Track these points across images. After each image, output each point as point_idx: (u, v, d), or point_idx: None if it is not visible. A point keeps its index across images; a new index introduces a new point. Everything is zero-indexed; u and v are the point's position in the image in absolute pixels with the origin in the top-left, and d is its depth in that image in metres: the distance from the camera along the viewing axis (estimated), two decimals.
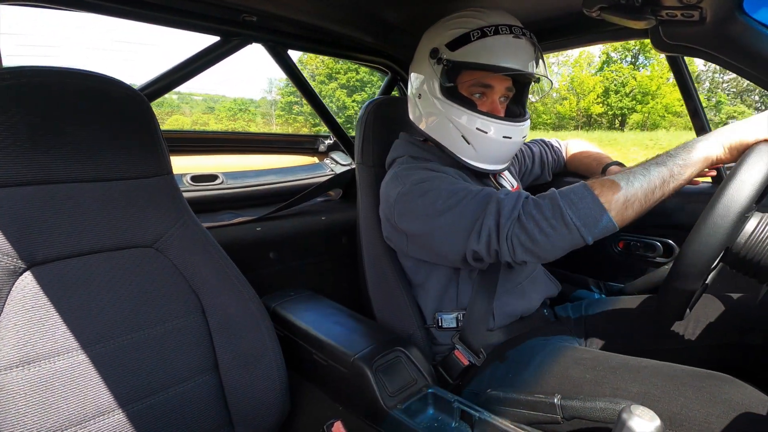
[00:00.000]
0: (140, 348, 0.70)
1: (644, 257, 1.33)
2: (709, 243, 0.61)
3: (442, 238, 0.85)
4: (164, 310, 0.74)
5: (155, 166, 0.77)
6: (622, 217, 0.72)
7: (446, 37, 0.91)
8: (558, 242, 0.74)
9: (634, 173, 0.73)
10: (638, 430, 0.43)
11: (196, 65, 1.21)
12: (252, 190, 1.58)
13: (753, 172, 0.61)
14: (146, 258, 0.74)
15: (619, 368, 0.77)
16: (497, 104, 0.94)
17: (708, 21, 0.87)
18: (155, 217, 0.76)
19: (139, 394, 0.69)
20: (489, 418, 0.70)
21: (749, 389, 0.66)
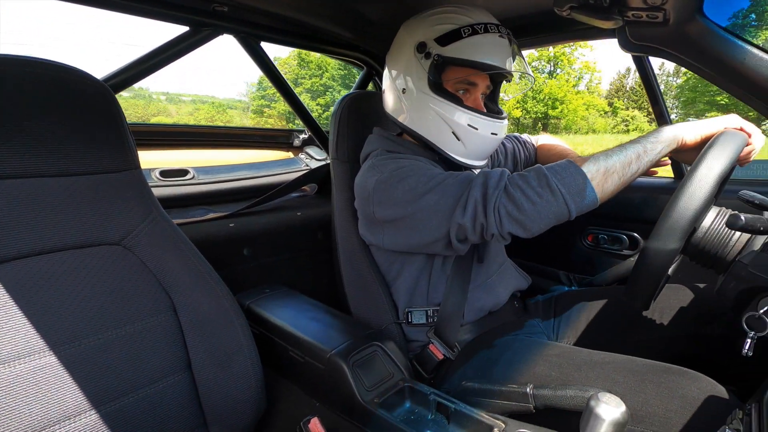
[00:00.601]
0: (109, 349, 0.68)
1: (611, 250, 1.38)
2: (671, 235, 0.63)
3: (425, 219, 0.85)
4: (133, 310, 0.72)
5: (122, 161, 0.74)
6: (602, 188, 0.75)
7: (435, 32, 0.91)
8: (544, 210, 0.75)
9: (612, 150, 0.79)
10: (605, 416, 0.45)
11: (163, 56, 1.17)
12: (224, 185, 1.55)
13: (712, 169, 0.64)
14: (114, 256, 0.72)
15: (583, 365, 0.79)
16: (479, 101, 0.96)
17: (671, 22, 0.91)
18: (123, 214, 0.73)
19: (108, 396, 0.67)
20: (464, 409, 0.71)
21: (705, 381, 0.69)
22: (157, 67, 1.17)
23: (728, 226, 0.64)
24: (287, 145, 1.96)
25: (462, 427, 0.71)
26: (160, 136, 1.53)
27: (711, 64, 0.94)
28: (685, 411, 0.66)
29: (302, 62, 42.37)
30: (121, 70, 1.13)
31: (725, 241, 0.68)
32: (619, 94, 46.80)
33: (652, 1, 0.84)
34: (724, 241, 0.68)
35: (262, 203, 1.47)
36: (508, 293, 1.08)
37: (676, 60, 1.00)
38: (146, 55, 1.16)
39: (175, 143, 1.57)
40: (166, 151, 1.54)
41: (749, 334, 0.61)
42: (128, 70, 1.13)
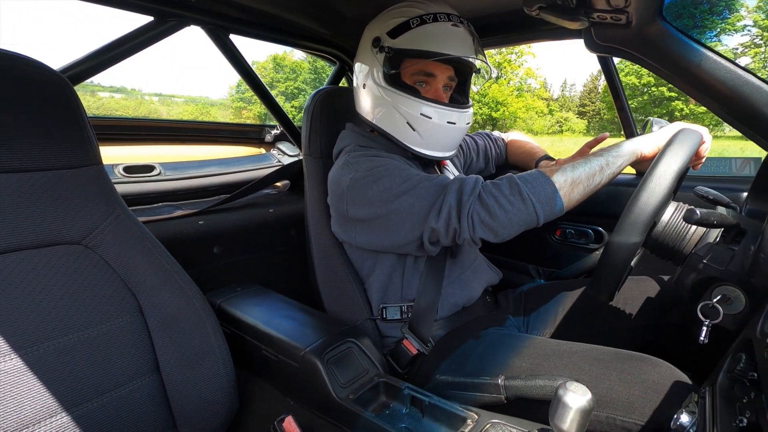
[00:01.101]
0: (70, 353, 0.65)
1: (578, 244, 1.43)
2: (632, 230, 0.66)
3: (398, 220, 0.86)
4: (97, 312, 0.69)
5: (82, 156, 0.71)
6: (569, 197, 0.80)
7: (387, 26, 0.93)
8: (515, 217, 0.79)
9: (578, 162, 0.83)
10: (572, 404, 0.47)
11: (124, 48, 1.11)
12: (193, 181, 1.50)
13: (670, 166, 0.67)
14: (74, 256, 0.68)
15: (552, 355, 0.82)
16: (440, 92, 0.96)
17: (633, 24, 0.95)
18: (83, 212, 0.70)
19: (70, 402, 0.64)
20: (438, 402, 0.72)
21: (664, 367, 0.73)
22: (118, 59, 1.12)
23: (685, 220, 0.67)
24: (258, 141, 1.92)
25: (436, 420, 0.72)
26: (123, 131, 1.47)
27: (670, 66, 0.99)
28: (646, 395, 0.69)
29: (277, 66, 42.75)
30: (79, 61, 1.07)
31: (682, 235, 0.72)
32: (591, 95, 48.93)
33: (616, 4, 0.87)
34: (681, 235, 0.72)
35: (232, 200, 1.43)
36: (481, 288, 1.10)
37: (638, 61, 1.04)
38: (106, 46, 1.10)
39: (139, 138, 1.51)
40: (131, 146, 1.48)
41: (704, 322, 0.65)
42: (87, 61, 1.08)
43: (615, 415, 0.70)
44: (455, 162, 1.21)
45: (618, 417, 0.70)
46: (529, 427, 0.64)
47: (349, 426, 0.75)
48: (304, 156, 1.16)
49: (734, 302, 0.64)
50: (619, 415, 0.70)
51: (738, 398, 0.49)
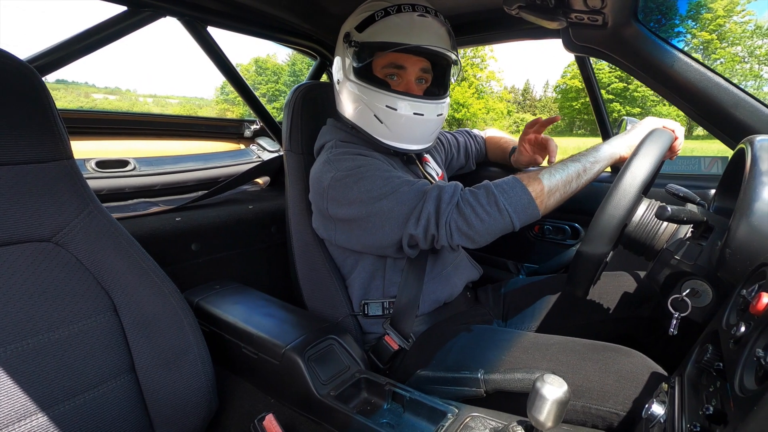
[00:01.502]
0: (40, 354, 0.63)
1: (555, 240, 1.46)
2: (608, 226, 0.68)
3: (378, 223, 0.86)
4: (68, 311, 0.66)
5: (51, 150, 0.68)
6: (545, 205, 0.81)
7: (355, 21, 0.93)
8: (491, 226, 0.80)
9: (555, 168, 0.83)
10: (549, 396, 0.48)
11: (96, 38, 1.07)
12: (169, 177, 1.47)
13: (642, 165, 0.69)
14: (44, 253, 0.66)
15: (530, 348, 0.84)
16: (412, 85, 0.96)
17: (609, 25, 0.97)
18: (53, 208, 0.67)
19: (40, 405, 0.62)
20: (419, 397, 0.73)
21: (637, 357, 0.76)
22: (88, 49, 1.08)
23: (657, 216, 0.70)
24: (237, 136, 1.89)
25: (417, 415, 0.73)
26: (95, 124, 1.42)
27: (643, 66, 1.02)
28: (620, 384, 0.72)
29: (259, 69, 44.12)
30: (48, 51, 1.03)
31: (654, 231, 0.74)
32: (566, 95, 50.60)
33: (593, 5, 0.88)
34: (653, 231, 0.74)
35: (211, 196, 1.41)
36: (463, 284, 1.11)
37: (613, 61, 1.07)
38: (77, 36, 1.06)
39: (113, 132, 1.47)
40: (103, 140, 1.44)
41: (674, 315, 0.67)
42: (56, 51, 1.04)
43: (590, 404, 0.73)
44: (437, 159, 1.22)
45: (593, 406, 0.72)
46: (508, 420, 0.65)
47: (331, 423, 0.75)
48: (285, 152, 1.15)
49: (702, 295, 0.66)
50: (594, 404, 0.72)
51: (705, 387, 0.51)
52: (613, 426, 0.71)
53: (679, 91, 0.99)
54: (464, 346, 0.91)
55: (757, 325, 0.45)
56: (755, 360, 0.41)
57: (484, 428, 0.64)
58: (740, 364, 0.43)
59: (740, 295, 0.52)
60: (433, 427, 0.67)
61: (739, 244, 0.55)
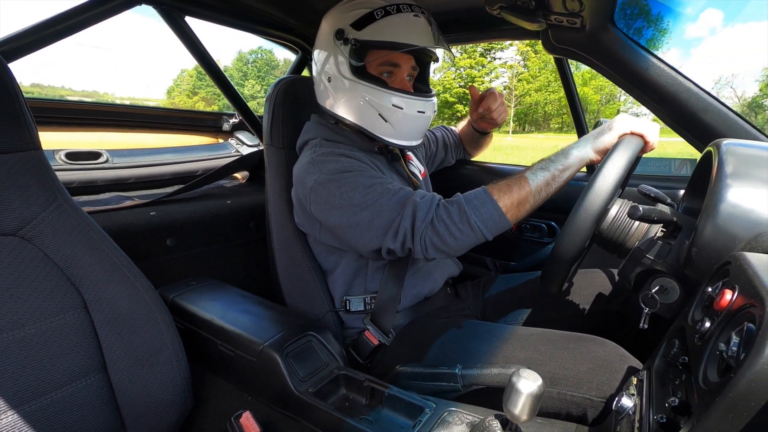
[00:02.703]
0: (4, 352, 0.60)
1: (532, 238, 1.49)
2: (582, 225, 0.70)
3: (357, 233, 0.87)
4: (34, 308, 0.64)
5: (16, 140, 0.65)
6: (516, 216, 0.84)
7: (350, 18, 0.92)
8: (464, 242, 0.83)
9: (525, 177, 0.84)
10: (524, 390, 0.49)
11: (66, 25, 1.03)
12: (144, 170, 1.42)
13: (614, 166, 0.71)
14: (9, 248, 0.63)
15: (509, 338, 0.87)
16: (406, 82, 0.98)
17: (587, 28, 0.99)
18: (19, 200, 0.64)
19: (5, 405, 0.59)
20: (397, 392, 0.73)
21: (610, 345, 0.79)
22: (57, 36, 1.03)
23: (629, 216, 0.72)
24: (216, 130, 1.85)
25: (395, 410, 0.73)
26: (65, 114, 1.36)
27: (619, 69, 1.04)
28: (593, 371, 0.75)
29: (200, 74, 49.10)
30: (14, 36, 0.98)
31: (626, 230, 0.77)
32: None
33: (572, 8, 0.90)
34: (625, 230, 0.77)
35: (187, 190, 1.37)
36: (443, 279, 1.12)
37: (590, 64, 1.09)
38: (46, 22, 1.02)
39: (84, 123, 1.41)
40: (74, 131, 1.38)
41: (644, 310, 0.70)
42: (24, 36, 0.99)
43: (565, 391, 0.75)
44: (418, 156, 1.23)
45: (568, 392, 0.75)
46: (484, 414, 0.66)
47: (309, 419, 0.74)
48: (266, 146, 1.13)
49: (670, 292, 0.69)
50: (569, 390, 0.75)
51: (671, 380, 0.53)
52: (586, 413, 0.74)
53: (652, 94, 1.02)
54: (444, 341, 0.92)
55: (720, 320, 0.47)
56: (718, 354, 0.43)
57: (461, 422, 0.65)
58: (704, 358, 0.45)
59: (705, 292, 0.54)
60: (411, 422, 0.68)
61: (704, 243, 0.57)
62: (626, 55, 1.01)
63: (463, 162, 1.53)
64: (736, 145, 0.65)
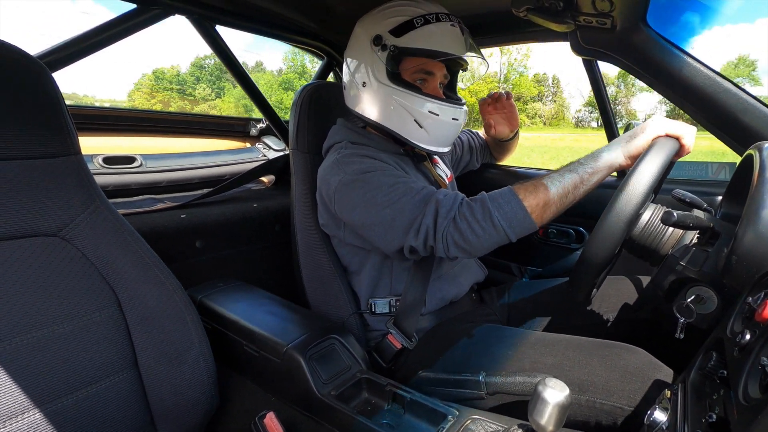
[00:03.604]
0: (43, 348, 0.63)
1: (560, 243, 1.45)
2: (612, 231, 0.68)
3: (380, 232, 0.87)
4: (72, 305, 0.67)
5: (59, 145, 0.69)
6: (541, 218, 0.80)
7: (388, 25, 0.93)
8: (486, 241, 0.81)
9: (552, 179, 0.81)
10: (550, 400, 0.48)
11: (106, 35, 1.08)
12: (175, 174, 1.47)
13: (648, 170, 0.68)
14: (50, 248, 0.66)
15: (536, 344, 0.85)
16: (438, 89, 0.99)
17: (618, 29, 0.97)
18: (60, 203, 0.68)
19: (42, 399, 0.62)
20: (419, 398, 0.73)
21: (641, 354, 0.77)
22: (99, 46, 1.09)
23: (663, 222, 0.69)
24: (243, 134, 1.89)
25: (417, 416, 0.73)
26: (103, 121, 1.43)
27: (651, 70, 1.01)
28: (625, 380, 0.72)
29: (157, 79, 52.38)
30: (59, 47, 1.04)
31: (660, 236, 0.74)
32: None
33: (601, 8, 0.88)
34: (658, 236, 0.74)
35: (216, 194, 1.41)
36: (469, 284, 1.11)
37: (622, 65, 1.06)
38: (86, 34, 1.07)
39: (120, 128, 1.48)
40: (111, 137, 1.45)
41: (680, 320, 0.67)
42: (67, 47, 1.05)
43: (595, 399, 0.73)
44: (445, 160, 1.23)
45: (598, 400, 0.73)
46: (509, 423, 0.65)
47: (331, 422, 0.75)
48: (291, 151, 1.15)
49: (707, 302, 0.66)
50: (599, 398, 0.73)
51: (708, 395, 0.50)
52: (617, 422, 0.71)
53: (688, 95, 0.98)
54: (468, 346, 0.90)
55: (762, 333, 0.44)
56: (760, 368, 0.41)
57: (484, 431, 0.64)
58: (744, 372, 0.43)
59: (746, 303, 0.51)
60: (433, 428, 0.67)
61: (745, 251, 0.54)
62: (659, 56, 0.98)
63: (488, 166, 1.52)
64: None
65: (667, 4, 1.06)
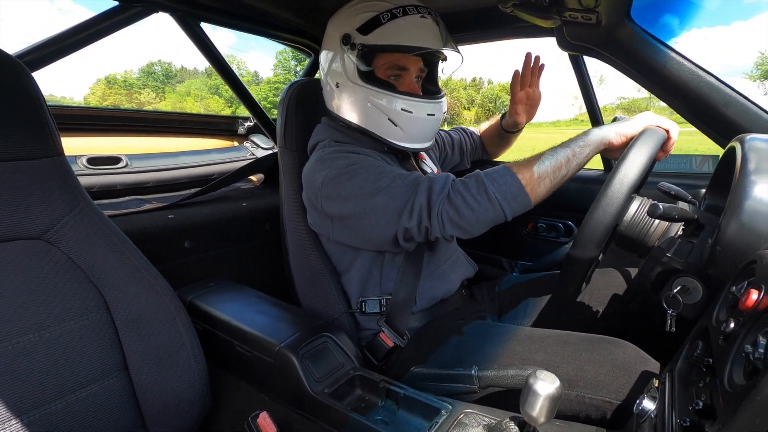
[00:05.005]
0: (30, 353, 0.62)
1: (549, 237, 1.47)
2: (602, 219, 0.69)
3: (373, 219, 0.86)
4: (59, 309, 0.66)
5: (41, 146, 0.67)
6: (535, 192, 0.81)
7: (356, 22, 0.91)
8: (482, 216, 0.80)
9: (544, 155, 0.83)
10: (541, 392, 0.48)
11: (87, 33, 1.06)
12: (162, 174, 1.45)
13: (634, 164, 0.69)
14: (34, 251, 0.65)
15: (526, 340, 0.85)
16: (414, 85, 0.97)
17: (603, 24, 0.98)
18: (44, 205, 0.66)
19: (30, 404, 0.61)
20: (413, 394, 0.73)
21: (630, 348, 0.78)
22: (79, 45, 1.06)
23: (649, 214, 0.70)
24: (231, 133, 1.87)
25: (411, 412, 0.73)
26: (86, 120, 1.40)
27: (636, 65, 1.02)
28: (613, 374, 0.73)
29: (109, 83, 59.63)
30: (38, 45, 1.01)
31: (646, 229, 0.75)
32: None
33: (587, 3, 0.89)
34: (645, 229, 0.75)
35: (204, 193, 1.40)
36: (459, 281, 1.11)
37: (607, 60, 1.07)
38: (67, 32, 1.05)
39: (104, 128, 1.45)
40: (95, 137, 1.42)
41: (669, 311, 0.68)
42: (47, 46, 1.02)
43: (584, 393, 0.74)
44: (431, 156, 1.22)
45: (587, 395, 0.74)
46: (501, 416, 0.66)
47: (325, 420, 0.75)
48: (279, 149, 1.14)
49: (693, 292, 0.67)
50: (588, 393, 0.74)
51: (695, 383, 0.52)
52: (606, 416, 0.72)
53: (672, 89, 1.00)
54: (459, 343, 0.91)
55: (746, 321, 0.45)
56: (744, 355, 0.42)
57: (478, 425, 0.65)
58: (729, 360, 0.44)
59: (730, 292, 0.53)
60: (427, 423, 0.67)
61: (729, 241, 0.55)
62: (644, 51, 0.99)
63: (480, 162, 1.51)
64: (760, 140, 0.63)
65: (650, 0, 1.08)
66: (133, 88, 61.67)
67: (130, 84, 62.13)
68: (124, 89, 60.55)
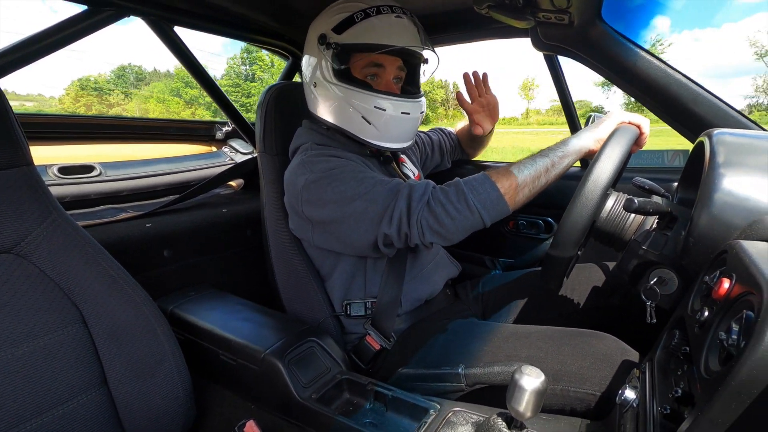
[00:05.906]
0: (2, 371, 0.60)
1: (530, 234, 1.49)
2: (579, 218, 0.70)
3: (353, 224, 0.86)
4: (32, 325, 0.63)
5: (8, 156, 0.65)
6: (514, 201, 0.83)
7: (332, 22, 0.92)
8: (461, 224, 0.81)
9: (524, 164, 0.84)
10: (527, 387, 0.49)
11: (55, 38, 1.02)
12: (138, 182, 1.42)
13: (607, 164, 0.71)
14: (5, 265, 0.63)
15: (510, 337, 0.87)
16: (391, 84, 0.97)
17: (575, 25, 1.00)
18: (13, 217, 0.64)
19: (6, 424, 0.59)
20: (401, 395, 0.73)
21: (610, 340, 0.80)
22: (45, 51, 1.02)
23: (624, 209, 0.72)
24: (209, 138, 1.84)
25: (399, 413, 0.73)
26: (56, 128, 1.36)
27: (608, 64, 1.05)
28: (595, 366, 0.75)
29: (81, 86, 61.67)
30: (2, 52, 0.97)
31: (623, 223, 0.77)
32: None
33: (559, 4, 0.91)
34: (621, 223, 0.77)
35: (183, 200, 1.37)
36: (443, 281, 1.12)
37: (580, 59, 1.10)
38: (33, 37, 1.01)
39: (75, 137, 1.40)
40: (66, 145, 1.38)
41: (648, 303, 0.70)
42: (11, 53, 0.98)
43: (569, 387, 0.75)
44: (412, 158, 1.23)
45: (571, 388, 0.75)
46: (489, 413, 0.66)
47: (313, 425, 0.74)
48: (259, 153, 1.13)
49: (669, 283, 0.69)
50: (573, 386, 0.75)
51: (673, 371, 0.53)
52: (590, 407, 0.74)
53: (642, 87, 1.03)
54: (446, 343, 0.91)
55: (719, 309, 0.47)
56: (718, 342, 0.44)
57: (466, 422, 0.65)
58: (705, 347, 0.46)
59: (703, 282, 0.54)
60: (416, 424, 0.67)
61: (701, 232, 0.57)
62: (615, 50, 1.02)
63: (462, 162, 1.53)
64: (727, 134, 0.66)
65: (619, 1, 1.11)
66: (103, 90, 63.88)
67: (100, 87, 64.36)
68: (95, 91, 62.94)
